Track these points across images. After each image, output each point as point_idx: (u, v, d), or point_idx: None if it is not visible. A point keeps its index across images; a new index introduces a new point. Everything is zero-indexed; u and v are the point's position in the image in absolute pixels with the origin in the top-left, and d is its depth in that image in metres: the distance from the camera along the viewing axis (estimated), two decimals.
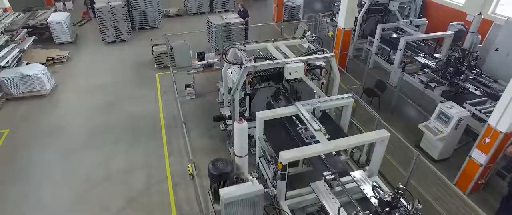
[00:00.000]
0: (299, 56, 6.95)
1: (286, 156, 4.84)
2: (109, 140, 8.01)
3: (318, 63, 7.10)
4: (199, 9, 16.85)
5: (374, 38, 11.89)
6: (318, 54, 6.93)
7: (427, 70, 9.69)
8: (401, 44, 10.02)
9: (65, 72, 11.30)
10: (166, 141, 7.95)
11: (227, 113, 7.75)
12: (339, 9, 13.80)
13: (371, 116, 6.65)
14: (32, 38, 12.29)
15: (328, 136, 5.58)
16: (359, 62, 11.99)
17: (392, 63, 10.50)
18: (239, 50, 6.97)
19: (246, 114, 7.18)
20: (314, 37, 7.80)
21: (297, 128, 6.44)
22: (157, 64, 11.32)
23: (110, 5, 12.71)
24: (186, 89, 9.45)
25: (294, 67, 6.41)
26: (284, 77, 6.65)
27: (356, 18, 11.41)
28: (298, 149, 5.09)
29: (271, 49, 7.26)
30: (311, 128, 5.72)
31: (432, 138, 7.15)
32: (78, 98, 9.80)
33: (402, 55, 10.18)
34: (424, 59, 9.96)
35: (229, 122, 7.48)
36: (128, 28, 13.53)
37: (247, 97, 6.98)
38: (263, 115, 5.94)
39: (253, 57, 6.43)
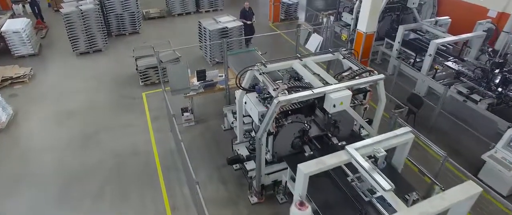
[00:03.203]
0: (338, 79, 5.38)
1: None
2: (88, 193, 6.12)
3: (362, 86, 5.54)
4: (184, 10, 14.86)
5: (390, 39, 10.54)
6: (366, 75, 5.36)
7: (464, 79, 8.39)
8: (431, 48, 8.66)
9: (27, 95, 9.15)
10: (166, 189, 6.17)
11: (243, 151, 6.07)
12: (345, 7, 12.45)
13: None
14: None
15: None
16: (376, 67, 10.54)
17: (418, 70, 9.11)
18: (260, 74, 5.26)
19: (268, 156, 5.51)
20: (347, 50, 6.21)
21: (348, 178, 4.88)
22: (143, 81, 9.37)
23: (80, 10, 10.56)
24: (183, 115, 7.63)
25: (340, 98, 4.83)
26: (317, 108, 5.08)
27: None
28: None
29: (299, 70, 5.62)
30: (375, 184, 4.16)
31: (503, 172, 5.78)
32: (45, 132, 7.75)
33: (431, 61, 8.82)
34: (456, 65, 8.66)
35: (248, 165, 5.83)
36: (104, 35, 11.43)
37: (270, 137, 5.32)
38: (307, 169, 4.32)
39: (285, 86, 4.76)
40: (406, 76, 9.58)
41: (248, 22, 10.76)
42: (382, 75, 5.37)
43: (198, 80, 7.40)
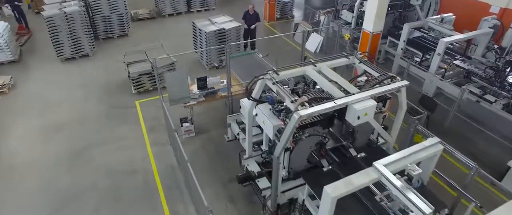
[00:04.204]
0: (358, 86, 4.90)
1: None
2: None
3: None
4: (175, 10, 14.15)
5: (393, 38, 10.17)
6: (388, 82, 4.88)
7: (475, 79, 8.05)
8: (440, 47, 8.27)
9: (7, 107, 8.35)
10: (169, 213, 5.56)
11: (253, 166, 5.52)
12: (343, 4, 12.00)
13: None
14: None
15: None
16: (379, 67, 10.11)
17: (425, 69, 8.74)
18: (273, 83, 4.72)
19: (283, 173, 4.98)
20: (361, 54, 5.73)
21: (376, 198, 4.39)
22: (135, 89, 8.68)
23: (65, 12, 9.76)
24: (182, 126, 7.03)
25: (364, 109, 4.35)
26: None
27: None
28: None
29: (315, 77, 5.09)
30: (411, 206, 3.71)
31: None
32: (28, 149, 7.01)
33: (440, 60, 8.45)
34: (466, 64, 8.34)
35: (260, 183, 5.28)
36: (90, 39, 10.65)
37: (286, 152, 4.79)
38: (335, 191, 3.82)
39: (305, 98, 4.23)
40: (411, 76, 9.19)
41: (246, 27, 10.10)
42: (405, 82, 4.91)
43: (198, 89, 6.79)
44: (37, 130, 7.52)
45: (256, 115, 4.99)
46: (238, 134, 6.46)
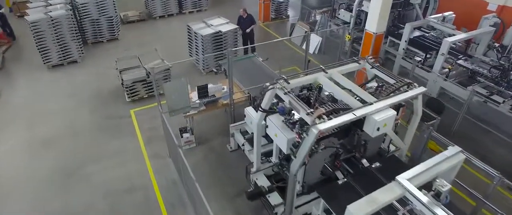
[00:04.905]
0: (374, 94, 4.61)
1: None
2: None
3: None
4: (166, 11, 13.64)
5: (392, 37, 9.95)
6: (405, 89, 4.61)
7: (480, 79, 7.90)
8: (444, 47, 8.07)
9: None
10: None
11: (262, 180, 5.20)
12: (340, 4, 11.74)
13: None
14: None
15: None
16: None
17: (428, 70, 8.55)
18: (285, 93, 4.38)
19: (297, 187, 4.67)
20: (373, 58, 5.45)
21: (399, 213, 4.12)
22: (130, 97, 8.22)
23: (50, 16, 9.20)
24: (182, 136, 6.64)
25: (384, 119, 4.07)
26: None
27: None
28: None
29: (327, 85, 4.79)
30: None
31: None
32: (15, 167, 6.49)
33: (444, 60, 8.27)
34: (470, 63, 8.19)
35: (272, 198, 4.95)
36: (79, 44, 10.10)
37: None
38: (359, 211, 3.54)
39: (323, 109, 3.91)
40: (414, 76, 9.00)
41: (242, 32, 9.66)
42: (423, 88, 4.66)
43: (199, 98, 6.41)
44: (24, 145, 7.00)
45: (267, 127, 4.66)
46: (243, 145, 6.12)
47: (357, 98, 4.59)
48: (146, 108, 8.08)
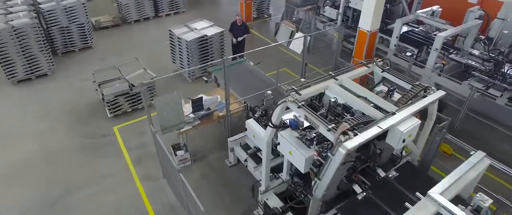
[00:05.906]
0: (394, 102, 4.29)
1: None
2: None
3: None
4: (141, 15, 12.80)
5: (381, 33, 9.77)
6: (423, 94, 4.32)
7: (475, 73, 7.87)
8: (438, 42, 7.98)
9: None
10: None
11: (273, 201, 4.75)
12: (325, 1, 11.46)
13: None
14: None
15: None
16: None
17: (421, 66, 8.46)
18: (299, 107, 3.95)
19: None
20: (382, 61, 5.15)
21: None
22: (112, 112, 7.48)
23: (12, 26, 8.23)
24: (176, 154, 6.06)
25: (410, 130, 3.75)
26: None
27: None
28: None
29: (340, 94, 4.40)
30: None
31: None
32: None
33: (437, 55, 8.18)
34: (462, 57, 8.18)
35: None
36: (48, 54, 9.15)
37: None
38: None
39: (347, 124, 3.51)
40: (403, 71, 8.86)
41: (234, 40, 9.04)
42: (442, 92, 4.40)
43: (193, 112, 5.84)
44: None
45: (279, 143, 4.22)
46: (245, 161, 5.64)
47: (371, 105, 4.26)
48: (130, 123, 7.39)
